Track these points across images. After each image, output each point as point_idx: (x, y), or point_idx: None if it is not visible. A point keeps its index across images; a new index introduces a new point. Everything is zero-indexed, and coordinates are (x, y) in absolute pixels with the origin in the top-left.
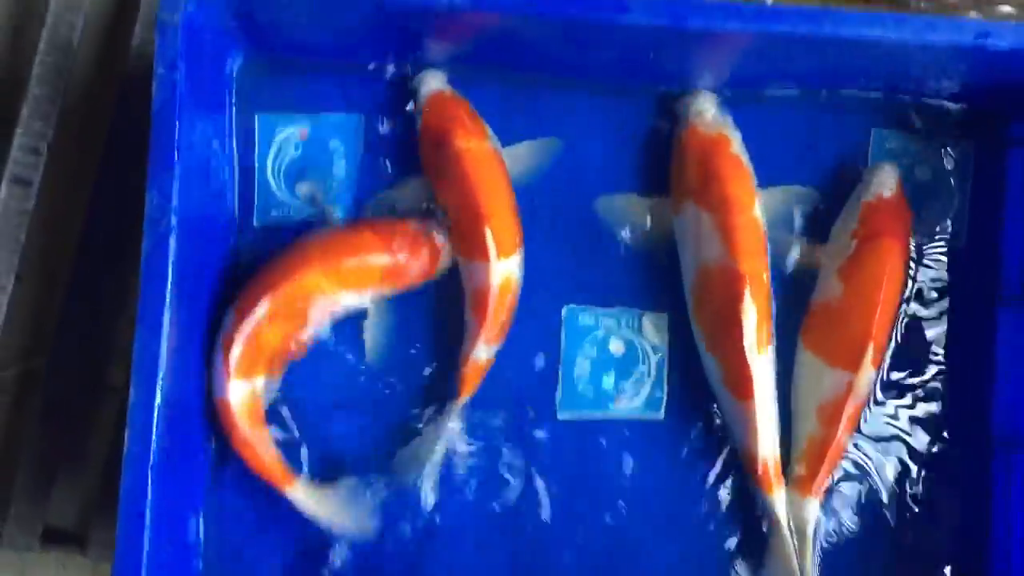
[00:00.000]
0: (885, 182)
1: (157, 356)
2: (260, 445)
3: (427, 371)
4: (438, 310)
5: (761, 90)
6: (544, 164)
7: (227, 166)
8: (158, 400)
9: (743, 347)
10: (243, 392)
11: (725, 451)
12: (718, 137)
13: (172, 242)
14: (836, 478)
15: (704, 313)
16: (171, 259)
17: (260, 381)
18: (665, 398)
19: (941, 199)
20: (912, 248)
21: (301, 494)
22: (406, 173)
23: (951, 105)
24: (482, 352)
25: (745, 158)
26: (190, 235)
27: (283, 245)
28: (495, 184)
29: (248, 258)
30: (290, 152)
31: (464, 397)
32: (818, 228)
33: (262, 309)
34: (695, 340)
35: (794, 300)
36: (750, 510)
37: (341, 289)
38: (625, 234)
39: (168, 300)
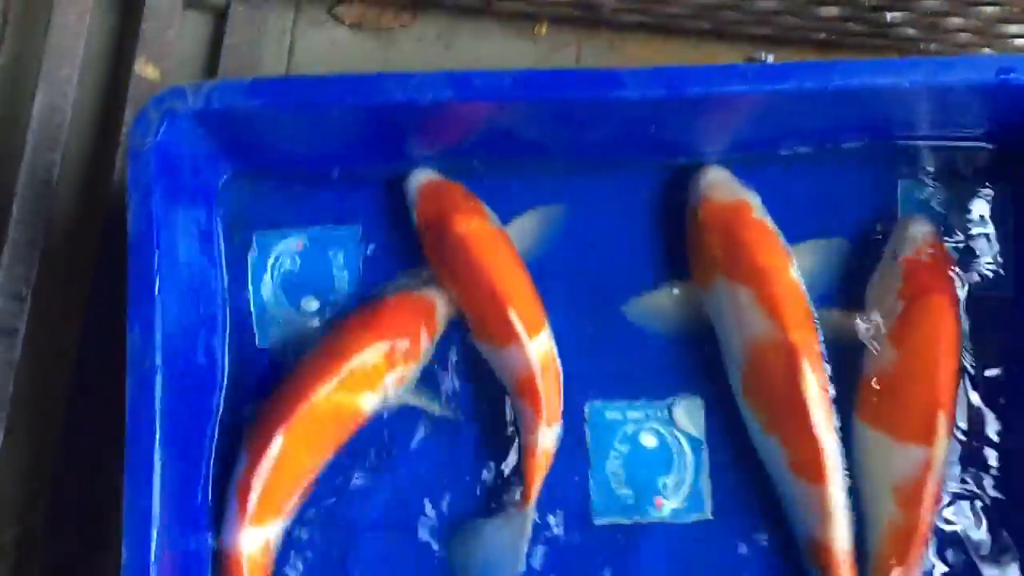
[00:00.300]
0: (920, 234)
1: (149, 511)
2: None
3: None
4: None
5: (775, 151)
6: (550, 233)
7: (218, 290)
8: (152, 558)
9: (811, 424)
10: (257, 543)
11: (783, 549)
12: (737, 205)
13: (158, 381)
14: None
15: (758, 393)
16: (158, 399)
17: (276, 527)
18: (710, 494)
19: (980, 248)
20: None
21: None
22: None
23: (979, 148)
24: (547, 436)
25: (769, 221)
26: (181, 371)
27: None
28: (505, 261)
29: (252, 386)
30: (286, 266)
31: (535, 491)
32: (852, 292)
33: (277, 447)
34: (746, 423)
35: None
36: None
37: (359, 394)
38: (660, 329)
39: (158, 445)
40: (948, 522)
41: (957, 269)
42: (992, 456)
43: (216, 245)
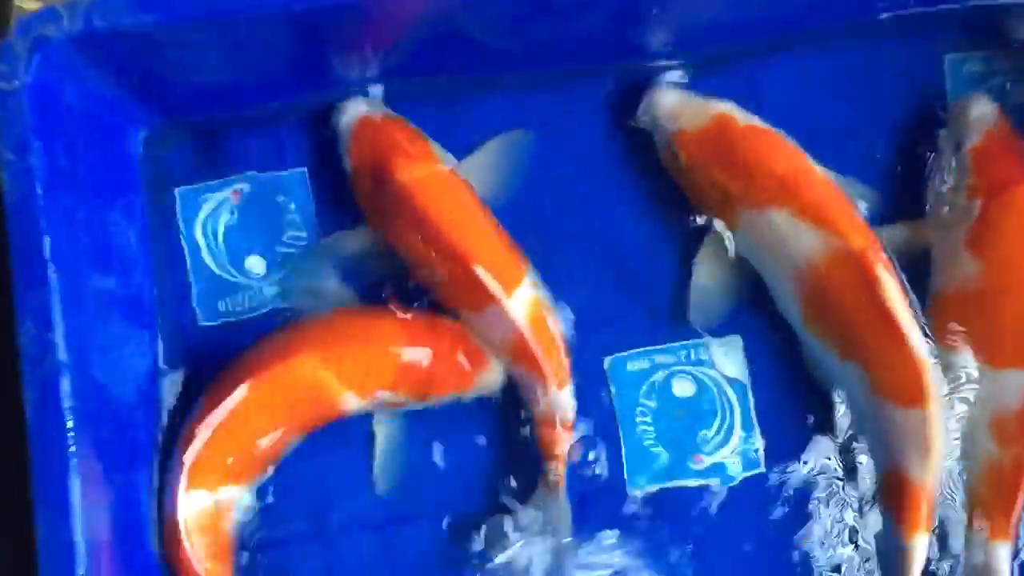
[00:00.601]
0: (986, 115)
1: (71, 541)
2: None
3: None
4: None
5: (790, 33)
6: (515, 165)
7: (139, 262)
8: None
9: (899, 337)
10: (202, 506)
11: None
12: (716, 123)
13: (65, 384)
14: None
15: (827, 318)
16: (67, 407)
17: (227, 493)
18: (762, 443)
19: None
20: None
21: None
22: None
23: None
24: (560, 401)
25: (759, 120)
26: (96, 366)
27: (242, 345)
28: (463, 210)
29: (198, 373)
30: (223, 222)
31: (562, 469)
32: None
33: (239, 395)
34: (814, 355)
35: None
36: None
37: (343, 387)
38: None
39: (73, 465)
40: None
41: None
42: None
43: (134, 206)
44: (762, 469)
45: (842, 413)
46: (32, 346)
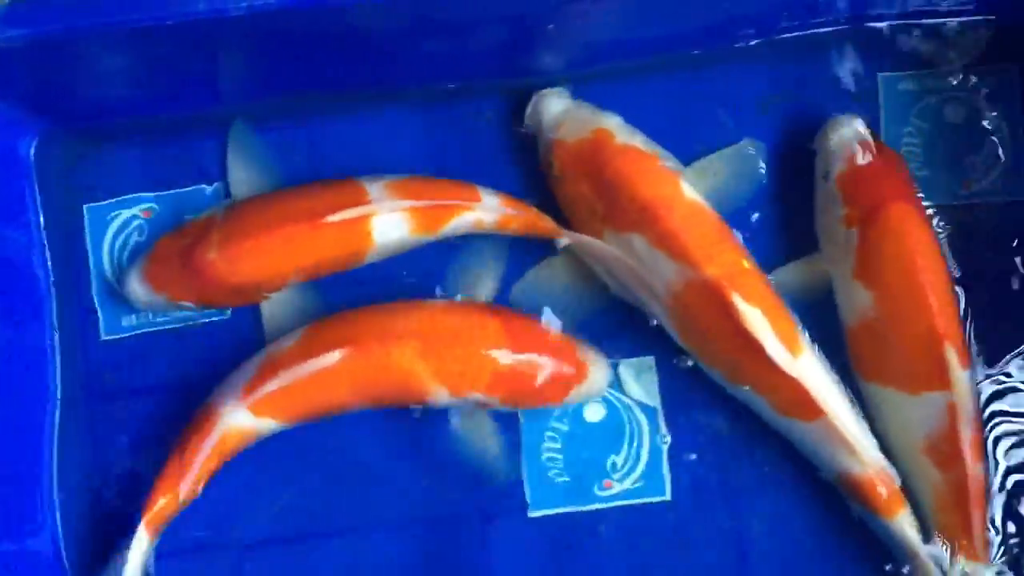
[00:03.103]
0: (848, 137)
1: None
2: None
3: None
4: None
5: (728, 44)
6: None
7: (41, 278)
8: None
9: (771, 361)
10: (245, 422)
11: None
12: (593, 138)
13: None
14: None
15: (704, 347)
16: None
17: (268, 426)
18: (668, 471)
19: (984, 144)
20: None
21: None
22: None
23: (975, 23)
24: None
25: (639, 140)
26: None
27: (147, 360)
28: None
29: (101, 389)
30: (133, 239)
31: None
32: None
33: (330, 360)
34: (715, 381)
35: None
36: None
37: (435, 381)
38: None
39: None
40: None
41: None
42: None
43: (33, 222)
44: (668, 497)
45: None
46: None
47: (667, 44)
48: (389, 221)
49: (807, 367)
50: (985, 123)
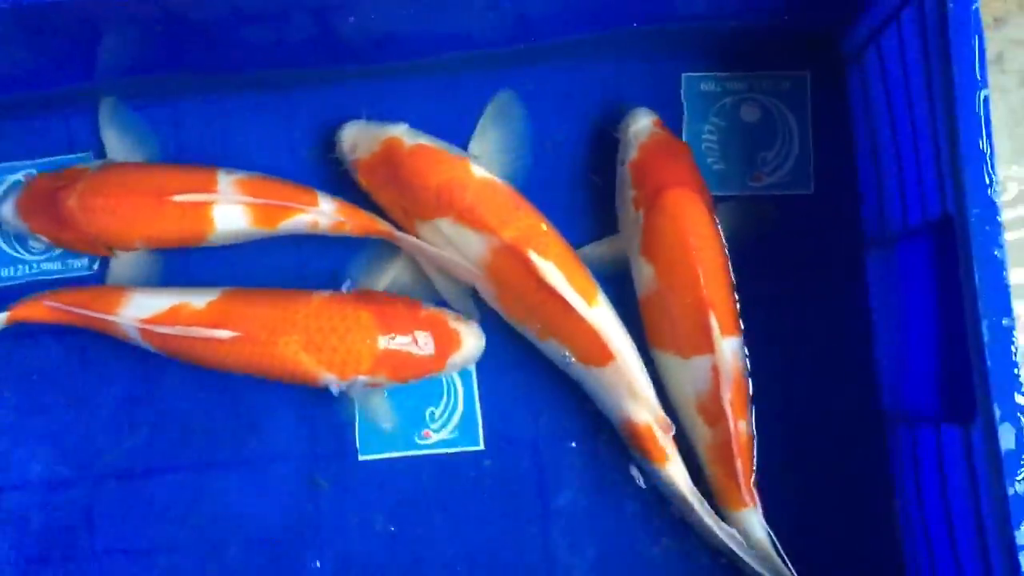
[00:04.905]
0: (639, 128)
1: None
2: None
3: None
4: None
5: (539, 42)
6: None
7: None
8: None
9: (570, 312)
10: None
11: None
12: (384, 148)
13: None
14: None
15: (515, 307)
16: None
17: None
18: (481, 421)
19: (778, 141)
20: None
21: None
22: None
23: (772, 28)
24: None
25: (426, 139)
26: None
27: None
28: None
29: None
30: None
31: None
32: None
33: (223, 346)
34: (528, 338)
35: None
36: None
37: (323, 368)
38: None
39: None
40: None
41: (690, 150)
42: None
43: None
44: (482, 447)
45: None
46: None
47: (473, 42)
48: (229, 212)
49: (601, 315)
50: (777, 124)
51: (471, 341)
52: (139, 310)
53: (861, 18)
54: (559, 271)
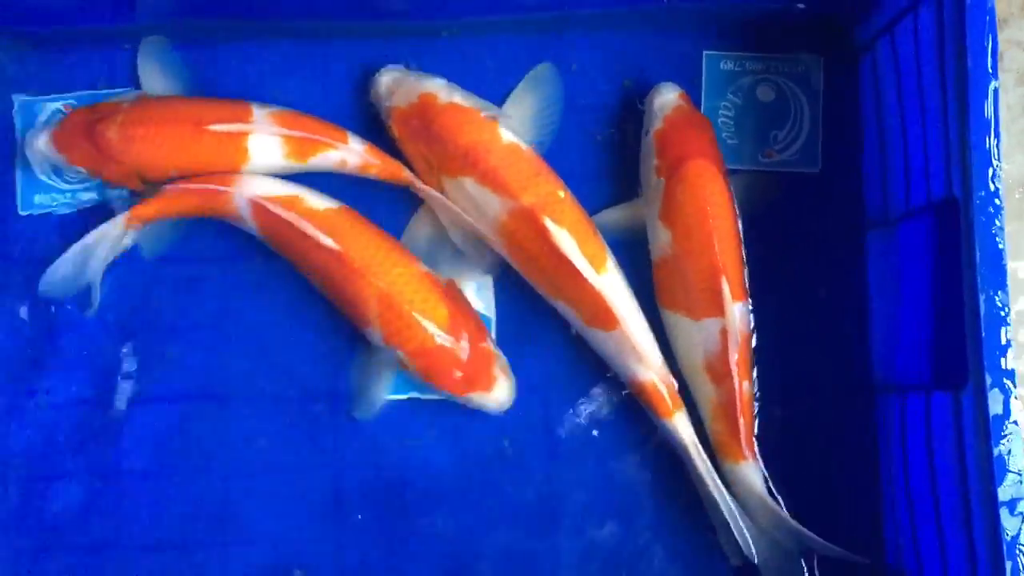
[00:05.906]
0: (665, 103)
1: None
2: None
3: None
4: None
5: (578, 10)
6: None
7: None
8: None
9: (579, 277)
10: None
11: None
12: (420, 103)
13: None
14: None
15: (529, 267)
16: None
17: None
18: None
19: (790, 120)
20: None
21: None
22: None
23: (790, 12)
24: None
25: (461, 97)
26: None
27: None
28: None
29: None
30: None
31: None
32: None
33: None
34: (542, 294)
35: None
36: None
37: (378, 325)
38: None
39: None
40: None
41: (711, 126)
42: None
43: None
44: None
45: None
46: None
47: (515, 5)
48: (264, 143)
49: (609, 282)
50: (790, 104)
51: (498, 394)
52: (259, 188)
53: (877, 9)
54: (572, 238)
